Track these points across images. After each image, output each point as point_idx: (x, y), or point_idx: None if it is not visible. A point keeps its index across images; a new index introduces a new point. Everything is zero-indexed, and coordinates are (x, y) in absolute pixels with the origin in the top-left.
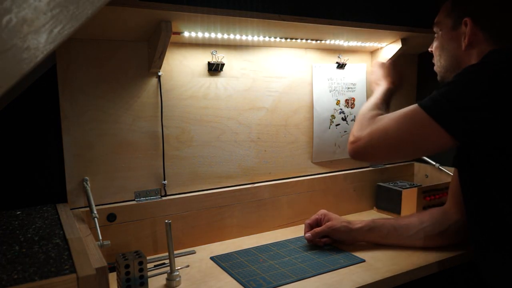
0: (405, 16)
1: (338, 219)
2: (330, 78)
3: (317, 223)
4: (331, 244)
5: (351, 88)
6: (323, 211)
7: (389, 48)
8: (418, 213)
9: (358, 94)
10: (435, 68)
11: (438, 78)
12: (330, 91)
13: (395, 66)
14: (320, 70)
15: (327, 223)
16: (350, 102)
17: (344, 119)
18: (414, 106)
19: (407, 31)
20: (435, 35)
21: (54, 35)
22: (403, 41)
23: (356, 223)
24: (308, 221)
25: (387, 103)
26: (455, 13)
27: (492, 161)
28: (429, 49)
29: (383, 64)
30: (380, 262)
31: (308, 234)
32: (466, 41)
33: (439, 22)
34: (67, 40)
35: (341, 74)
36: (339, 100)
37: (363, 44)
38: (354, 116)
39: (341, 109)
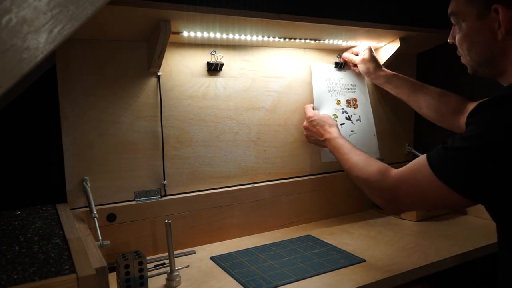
0: (404, 15)
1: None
2: (328, 78)
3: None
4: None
5: (351, 88)
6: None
7: (387, 47)
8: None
9: (359, 94)
10: (463, 60)
11: (469, 71)
12: (329, 91)
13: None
14: (318, 69)
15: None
16: (352, 103)
17: (348, 118)
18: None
19: (406, 30)
20: (454, 26)
21: (54, 35)
22: (402, 40)
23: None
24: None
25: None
26: (480, 0)
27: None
28: (449, 40)
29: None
30: (380, 262)
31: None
32: (503, 30)
33: (458, 11)
34: (67, 40)
35: (339, 75)
36: (339, 100)
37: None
38: (359, 116)
39: (343, 109)
